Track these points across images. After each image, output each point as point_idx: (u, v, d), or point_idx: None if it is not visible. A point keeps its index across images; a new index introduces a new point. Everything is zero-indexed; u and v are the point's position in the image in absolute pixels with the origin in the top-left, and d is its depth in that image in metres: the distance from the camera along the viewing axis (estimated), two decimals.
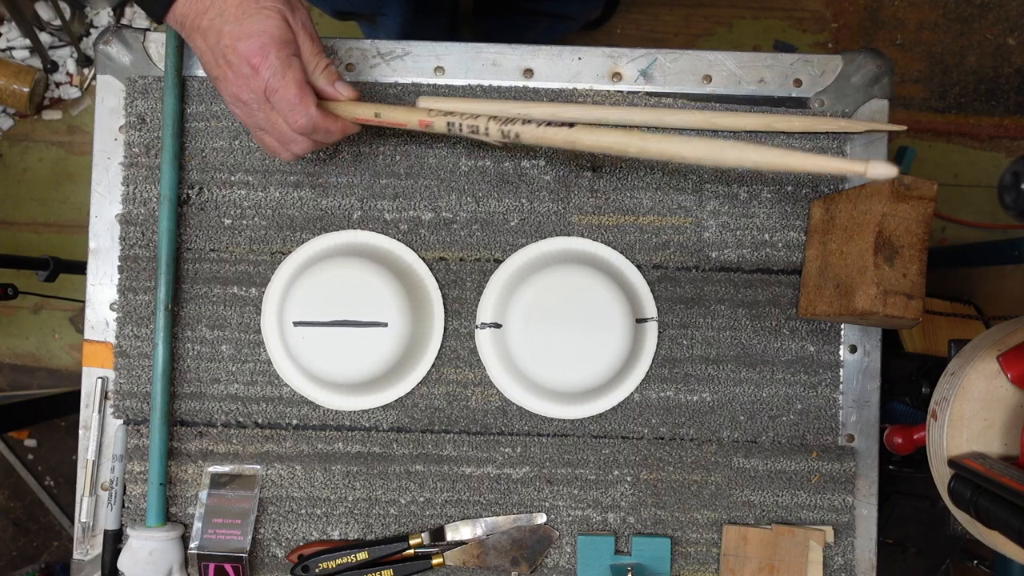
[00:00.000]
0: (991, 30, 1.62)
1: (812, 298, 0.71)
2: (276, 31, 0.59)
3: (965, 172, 1.60)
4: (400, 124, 0.64)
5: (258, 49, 0.59)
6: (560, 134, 0.60)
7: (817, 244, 0.72)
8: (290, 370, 0.74)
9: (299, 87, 0.60)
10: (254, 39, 0.58)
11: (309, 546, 0.73)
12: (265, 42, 0.59)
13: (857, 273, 0.64)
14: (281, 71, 0.59)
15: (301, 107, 0.61)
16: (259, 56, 0.59)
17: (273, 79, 0.59)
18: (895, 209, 0.62)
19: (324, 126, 0.63)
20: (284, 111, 0.61)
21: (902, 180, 0.62)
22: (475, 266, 0.75)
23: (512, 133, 0.61)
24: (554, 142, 0.61)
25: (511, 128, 0.61)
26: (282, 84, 0.59)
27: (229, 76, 0.60)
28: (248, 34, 0.58)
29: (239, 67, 0.59)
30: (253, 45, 0.58)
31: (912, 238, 0.63)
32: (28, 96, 1.56)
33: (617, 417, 0.74)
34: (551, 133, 0.61)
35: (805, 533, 0.73)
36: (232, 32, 0.59)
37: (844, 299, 0.65)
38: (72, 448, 1.60)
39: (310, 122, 0.62)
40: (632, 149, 0.59)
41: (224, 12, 0.58)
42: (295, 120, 0.61)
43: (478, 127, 0.62)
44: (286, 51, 0.60)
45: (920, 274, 0.62)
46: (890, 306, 0.61)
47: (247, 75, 0.59)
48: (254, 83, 0.60)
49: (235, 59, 0.59)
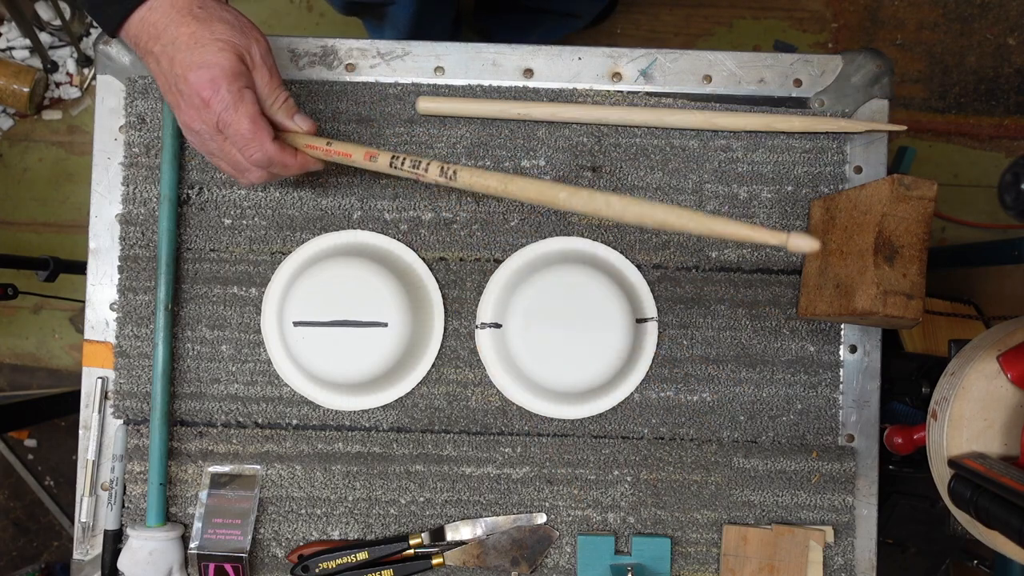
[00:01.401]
0: (991, 30, 1.62)
1: (812, 298, 0.71)
2: (228, 63, 0.58)
3: (965, 172, 1.60)
4: (346, 155, 0.64)
5: (208, 82, 0.58)
6: (494, 179, 0.60)
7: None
8: (290, 370, 0.74)
9: (252, 121, 0.59)
10: (204, 71, 0.57)
11: (309, 546, 0.73)
12: (216, 75, 0.57)
13: (857, 273, 0.64)
14: (233, 105, 0.58)
15: (255, 141, 0.60)
16: (209, 89, 0.58)
17: (225, 113, 0.58)
18: (895, 209, 0.62)
19: (280, 160, 0.62)
20: (239, 145, 0.60)
21: (902, 180, 0.62)
22: (475, 266, 0.75)
23: (450, 172, 0.61)
24: (488, 188, 0.61)
25: (450, 168, 0.62)
26: (234, 118, 0.59)
27: (181, 105, 0.60)
28: (199, 64, 0.57)
29: (190, 98, 0.58)
30: (204, 77, 0.57)
31: (912, 238, 0.63)
32: (28, 96, 1.56)
33: (617, 417, 0.74)
34: (486, 178, 0.61)
35: (805, 533, 0.73)
36: (183, 61, 0.58)
37: (844, 299, 0.65)
38: (72, 448, 1.60)
39: (265, 156, 0.61)
40: (560, 199, 0.58)
41: (177, 40, 0.58)
42: (250, 154, 0.61)
43: (420, 163, 0.62)
44: (237, 84, 0.58)
45: (920, 274, 0.62)
46: (890, 306, 0.61)
47: (198, 107, 0.59)
48: (205, 116, 0.59)
49: (186, 89, 0.58)
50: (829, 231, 0.70)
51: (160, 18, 0.58)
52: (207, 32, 0.58)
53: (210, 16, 0.58)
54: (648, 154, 0.75)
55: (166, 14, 0.58)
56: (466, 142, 0.74)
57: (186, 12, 0.58)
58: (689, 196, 0.75)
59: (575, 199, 0.57)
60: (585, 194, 0.57)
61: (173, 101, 0.60)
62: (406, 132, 0.75)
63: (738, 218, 0.75)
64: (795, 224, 0.75)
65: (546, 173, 0.74)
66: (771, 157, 0.75)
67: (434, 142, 0.74)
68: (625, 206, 0.55)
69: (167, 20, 0.58)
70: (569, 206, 0.58)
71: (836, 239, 0.68)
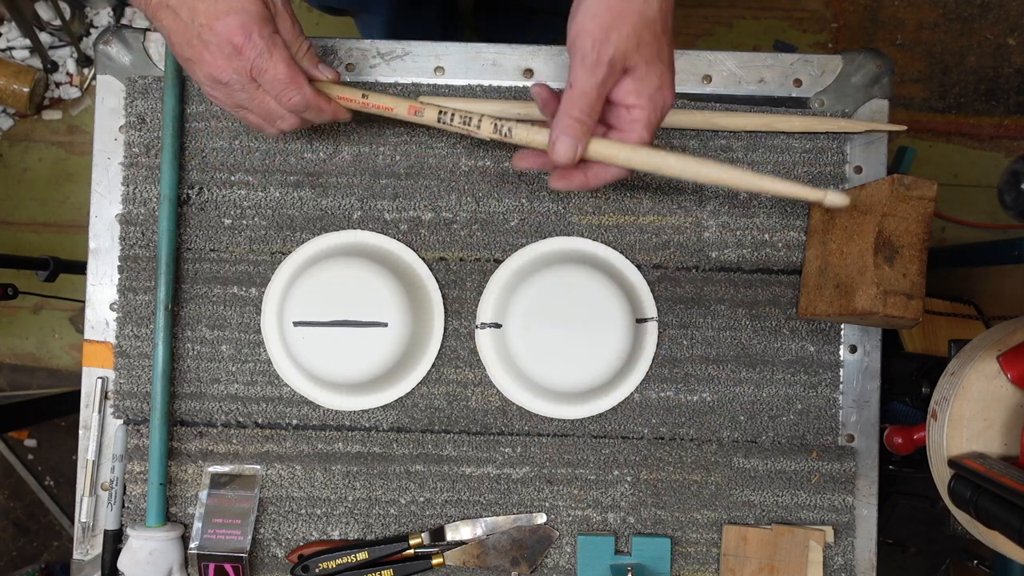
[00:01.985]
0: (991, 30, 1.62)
1: (812, 298, 0.71)
2: (255, 8, 0.56)
3: (965, 172, 1.60)
4: (387, 108, 0.62)
5: (239, 27, 0.55)
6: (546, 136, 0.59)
7: (817, 244, 0.72)
8: (290, 370, 0.74)
9: (288, 65, 0.58)
10: (233, 17, 0.55)
11: (309, 546, 0.73)
12: (246, 20, 0.55)
13: (857, 273, 0.64)
14: (268, 50, 0.57)
15: (293, 86, 0.59)
16: (241, 35, 0.55)
17: (260, 59, 0.57)
18: (895, 209, 0.62)
19: (317, 104, 0.61)
20: (276, 90, 0.59)
21: (902, 180, 0.62)
22: (475, 266, 0.75)
23: (505, 129, 0.60)
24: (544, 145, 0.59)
25: (504, 124, 0.60)
26: (270, 64, 0.57)
27: (205, 57, 0.57)
28: (226, 11, 0.55)
29: (220, 47, 0.56)
30: (233, 23, 0.55)
31: (912, 238, 0.63)
32: (28, 96, 1.56)
33: (617, 417, 0.74)
34: (544, 135, 0.59)
35: (805, 533, 0.73)
36: (208, 10, 0.55)
37: (844, 299, 0.65)
38: (72, 448, 1.60)
39: (303, 99, 0.60)
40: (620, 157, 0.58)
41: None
42: (288, 98, 0.59)
43: (470, 118, 0.61)
44: (268, 28, 0.57)
45: (920, 274, 0.62)
46: (890, 306, 0.61)
47: (229, 55, 0.56)
48: (237, 64, 0.57)
49: (213, 39, 0.56)
50: (829, 231, 0.70)
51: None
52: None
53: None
54: None
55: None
56: (466, 142, 0.74)
57: None
58: (689, 196, 0.75)
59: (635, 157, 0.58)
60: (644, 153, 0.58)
61: (195, 54, 0.57)
62: (406, 132, 0.74)
63: (738, 217, 0.75)
64: (795, 224, 0.75)
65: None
66: (771, 157, 0.75)
67: (434, 142, 0.74)
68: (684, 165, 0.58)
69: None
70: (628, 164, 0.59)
71: (836, 239, 0.68)
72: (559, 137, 0.57)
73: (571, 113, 0.56)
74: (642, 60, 0.56)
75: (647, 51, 0.55)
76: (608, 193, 0.75)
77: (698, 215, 0.75)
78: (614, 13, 0.54)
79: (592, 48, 0.54)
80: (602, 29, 0.54)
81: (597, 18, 0.54)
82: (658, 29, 0.56)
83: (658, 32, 0.56)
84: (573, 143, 0.57)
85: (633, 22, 0.54)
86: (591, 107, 0.56)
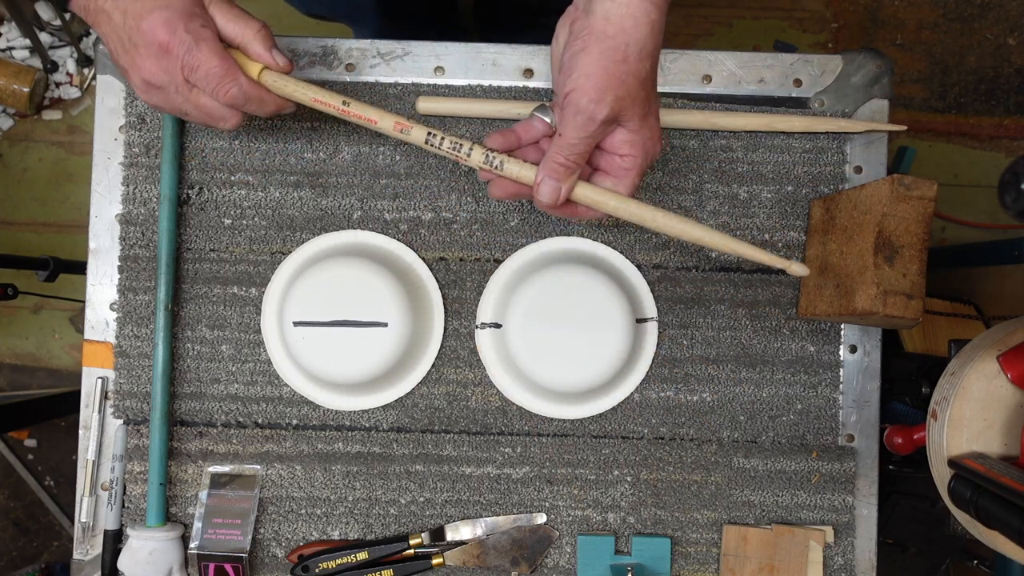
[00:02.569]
0: (991, 30, 1.62)
1: (812, 298, 0.71)
2: (179, 3, 0.54)
3: (965, 172, 1.60)
4: (370, 120, 0.60)
5: (163, 24, 0.54)
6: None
7: (817, 244, 0.72)
8: (290, 370, 0.74)
9: (220, 57, 0.56)
10: (157, 13, 0.54)
11: (309, 546, 0.73)
12: (170, 16, 0.54)
13: (857, 273, 0.64)
14: (195, 43, 0.55)
15: (228, 77, 0.56)
16: (166, 32, 0.54)
17: (188, 55, 0.55)
18: (895, 209, 0.62)
19: (258, 95, 0.59)
20: (210, 86, 0.56)
21: (902, 180, 0.62)
22: (475, 266, 0.75)
23: (496, 162, 0.60)
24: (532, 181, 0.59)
25: (496, 157, 0.60)
26: (200, 58, 0.55)
27: (137, 60, 0.56)
28: (151, 8, 0.54)
29: (147, 47, 0.55)
30: (157, 20, 0.54)
31: (912, 238, 0.63)
32: (28, 96, 1.56)
33: (617, 417, 0.74)
34: (532, 172, 0.59)
35: (805, 533, 0.73)
36: (135, 11, 0.54)
37: (844, 299, 0.65)
38: (72, 448, 1.60)
39: (241, 91, 0.57)
40: (610, 205, 0.60)
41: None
42: (224, 92, 0.57)
43: (460, 145, 0.60)
44: (196, 22, 0.55)
45: (920, 274, 0.62)
46: (890, 306, 0.61)
47: (157, 55, 0.55)
48: (166, 63, 0.55)
49: (140, 40, 0.55)
50: (829, 231, 0.70)
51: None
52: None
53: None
54: None
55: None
56: None
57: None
58: (689, 196, 0.75)
59: (623, 208, 0.60)
60: (634, 206, 0.60)
61: (128, 61, 0.56)
62: None
63: (738, 217, 0.75)
64: (795, 224, 0.75)
65: None
66: (771, 157, 0.75)
67: None
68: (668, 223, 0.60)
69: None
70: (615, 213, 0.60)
71: (836, 239, 0.68)
72: (544, 179, 0.58)
73: (557, 159, 0.57)
74: (636, 115, 0.57)
75: (640, 108, 0.57)
76: None
77: (698, 215, 0.75)
78: (610, 75, 0.54)
79: (587, 106, 0.55)
80: (598, 90, 0.54)
81: (592, 79, 0.54)
82: (649, 87, 0.57)
83: (649, 89, 0.57)
84: (557, 186, 0.58)
85: (629, 85, 0.55)
86: (579, 157, 0.57)
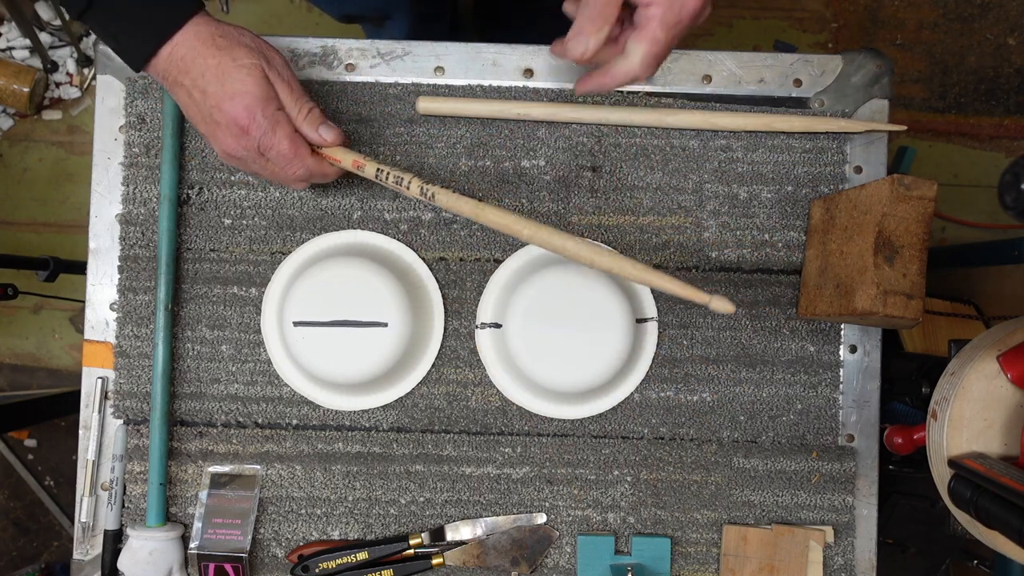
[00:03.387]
0: (991, 30, 1.62)
1: (812, 298, 0.71)
2: (257, 89, 0.60)
3: (965, 172, 1.60)
4: (336, 160, 0.66)
5: (244, 110, 0.60)
6: (468, 205, 0.64)
7: (817, 244, 0.72)
8: (290, 370, 0.74)
9: (291, 141, 0.62)
10: (238, 100, 0.59)
11: (309, 546, 0.73)
12: (249, 102, 0.60)
13: (857, 273, 0.64)
14: (271, 129, 0.61)
15: (296, 159, 0.63)
16: (247, 117, 0.60)
17: (264, 138, 0.61)
18: (895, 209, 0.62)
19: (319, 171, 0.65)
20: (281, 165, 0.63)
21: (902, 180, 0.62)
22: (475, 266, 0.75)
23: (429, 193, 0.65)
24: (462, 211, 0.64)
25: (429, 188, 0.65)
26: (274, 141, 0.61)
27: (219, 135, 0.61)
28: (231, 95, 0.59)
29: (227, 127, 0.60)
30: (238, 106, 0.60)
31: (912, 238, 0.63)
32: (28, 96, 1.56)
33: (617, 417, 0.74)
34: (461, 203, 0.64)
35: (805, 533, 0.73)
36: (216, 93, 0.59)
37: (844, 299, 0.65)
38: (72, 448, 1.60)
39: (306, 171, 0.64)
40: (524, 234, 0.63)
41: (205, 72, 0.59)
42: (293, 172, 0.63)
43: (402, 179, 0.65)
44: (271, 107, 0.61)
45: (920, 274, 0.62)
46: (890, 306, 0.61)
47: (236, 135, 0.61)
48: (245, 142, 0.61)
49: (223, 119, 0.60)
50: (829, 231, 0.70)
51: (187, 52, 0.60)
52: (230, 60, 0.60)
53: (231, 43, 0.60)
54: (648, 154, 0.75)
55: (192, 47, 0.59)
56: (466, 142, 0.74)
57: (209, 43, 0.60)
58: (689, 196, 0.75)
59: (537, 235, 0.62)
60: (545, 233, 0.62)
61: (209, 131, 0.62)
62: (406, 132, 0.75)
63: (738, 217, 0.75)
64: (795, 224, 0.75)
65: (546, 173, 0.74)
66: (771, 157, 0.75)
67: (434, 142, 0.75)
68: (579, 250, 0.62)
69: (193, 53, 0.59)
70: (531, 241, 0.63)
71: (836, 239, 0.68)
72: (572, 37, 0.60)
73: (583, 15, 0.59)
74: None
75: None
76: (608, 193, 0.75)
77: (698, 215, 0.75)
78: None
79: None
80: None
81: None
82: None
83: None
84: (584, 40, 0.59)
85: None
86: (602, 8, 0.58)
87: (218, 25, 0.61)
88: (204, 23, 0.60)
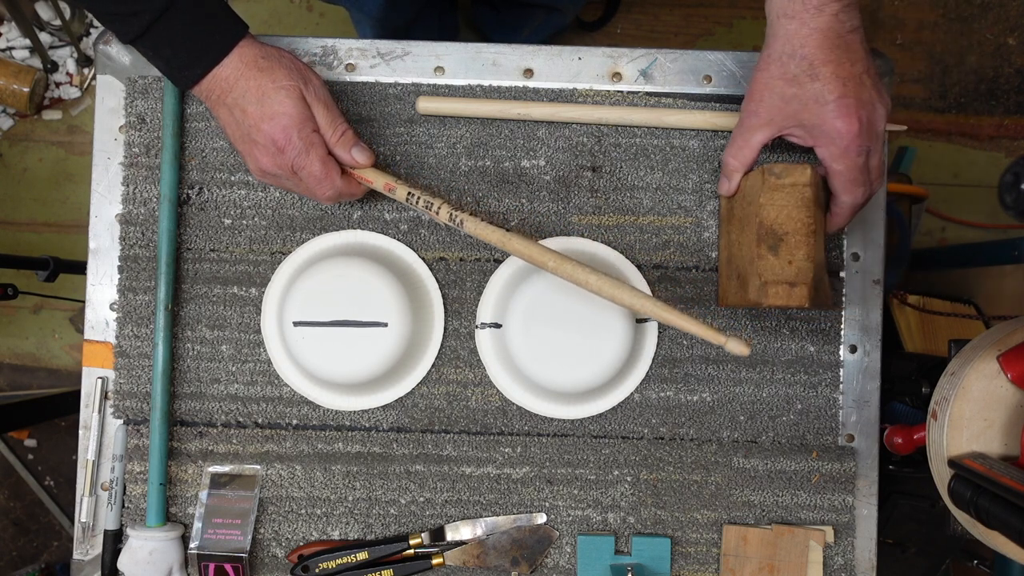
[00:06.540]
0: (991, 30, 1.62)
1: (725, 289, 0.72)
2: (295, 110, 0.63)
3: (965, 172, 1.60)
4: (368, 182, 0.69)
5: (281, 131, 0.63)
6: (496, 234, 0.66)
7: (724, 235, 0.72)
8: (290, 370, 0.74)
9: (323, 163, 0.65)
10: (276, 120, 0.62)
11: (309, 546, 0.73)
12: (287, 123, 0.63)
13: (748, 264, 0.65)
14: (305, 150, 0.64)
15: (327, 181, 0.65)
16: (283, 138, 0.63)
17: (299, 158, 0.64)
18: (772, 199, 0.63)
19: (348, 191, 0.68)
20: (311, 184, 0.65)
21: (772, 169, 0.63)
22: (475, 266, 0.75)
23: (458, 220, 0.67)
24: (489, 239, 0.66)
25: (458, 215, 0.67)
26: (307, 162, 0.64)
27: (255, 153, 0.64)
28: (270, 115, 0.62)
29: (266, 146, 0.63)
30: (276, 127, 0.62)
31: (796, 224, 0.63)
32: (28, 96, 1.56)
33: (617, 417, 0.74)
34: (488, 231, 0.66)
35: (805, 533, 0.73)
36: (255, 113, 0.62)
37: (743, 290, 0.66)
38: (72, 448, 1.60)
39: (336, 192, 0.67)
40: (549, 266, 0.65)
41: (247, 93, 0.62)
42: (322, 192, 0.66)
43: (432, 204, 0.68)
44: (307, 128, 0.64)
45: (808, 259, 0.62)
46: (772, 296, 0.62)
47: (273, 153, 0.64)
48: (280, 160, 0.64)
49: (260, 138, 0.63)
50: (731, 222, 0.71)
51: (231, 73, 0.63)
52: (270, 82, 0.63)
53: (272, 65, 0.63)
54: (648, 154, 0.75)
55: (236, 69, 0.63)
56: (466, 142, 0.74)
57: (252, 65, 0.63)
58: (689, 196, 0.75)
59: (561, 268, 0.64)
60: (570, 266, 0.64)
61: (246, 149, 0.65)
62: (406, 132, 0.75)
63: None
64: None
65: (546, 173, 0.75)
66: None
67: (434, 142, 0.75)
68: (601, 285, 0.63)
69: (237, 74, 0.63)
70: (555, 272, 0.65)
71: (735, 230, 0.69)
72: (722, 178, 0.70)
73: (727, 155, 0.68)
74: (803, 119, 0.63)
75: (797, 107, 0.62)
76: (608, 193, 0.75)
77: (698, 215, 0.75)
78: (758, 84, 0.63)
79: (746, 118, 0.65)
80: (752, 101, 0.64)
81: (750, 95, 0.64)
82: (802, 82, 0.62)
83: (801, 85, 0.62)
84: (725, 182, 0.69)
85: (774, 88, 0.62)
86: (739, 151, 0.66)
87: (261, 47, 0.64)
88: (249, 46, 0.63)
